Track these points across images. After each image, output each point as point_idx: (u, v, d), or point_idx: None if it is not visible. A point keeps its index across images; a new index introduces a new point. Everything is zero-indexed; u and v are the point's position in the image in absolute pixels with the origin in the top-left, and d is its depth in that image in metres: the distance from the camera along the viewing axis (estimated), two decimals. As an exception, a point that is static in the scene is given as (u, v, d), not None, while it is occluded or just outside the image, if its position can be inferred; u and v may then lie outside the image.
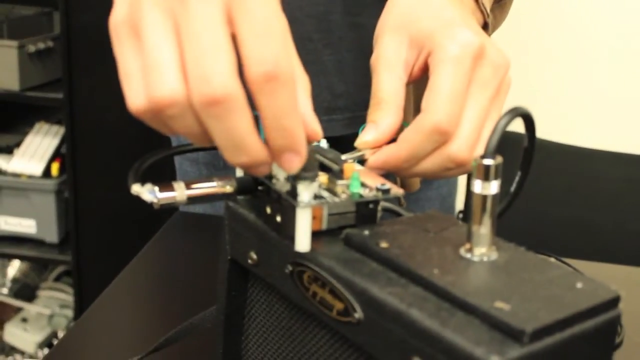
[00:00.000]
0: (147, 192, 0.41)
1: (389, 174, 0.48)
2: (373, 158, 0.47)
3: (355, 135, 0.50)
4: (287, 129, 0.37)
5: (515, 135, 0.64)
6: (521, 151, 0.44)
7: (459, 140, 0.47)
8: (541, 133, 1.20)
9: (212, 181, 0.43)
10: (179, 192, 0.41)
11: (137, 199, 0.42)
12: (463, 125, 0.48)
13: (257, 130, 0.38)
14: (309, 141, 0.41)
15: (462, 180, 1.05)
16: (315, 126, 0.41)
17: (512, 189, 0.44)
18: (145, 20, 0.38)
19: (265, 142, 0.38)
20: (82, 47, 1.79)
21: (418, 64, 0.50)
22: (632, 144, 1.31)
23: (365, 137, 0.48)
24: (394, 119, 0.48)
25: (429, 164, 0.48)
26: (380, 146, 0.48)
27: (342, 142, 0.59)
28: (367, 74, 0.51)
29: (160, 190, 0.41)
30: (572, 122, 1.63)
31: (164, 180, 0.42)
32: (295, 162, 0.38)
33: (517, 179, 0.44)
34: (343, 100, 0.79)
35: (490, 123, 0.49)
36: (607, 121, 1.63)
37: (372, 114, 0.48)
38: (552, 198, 1.26)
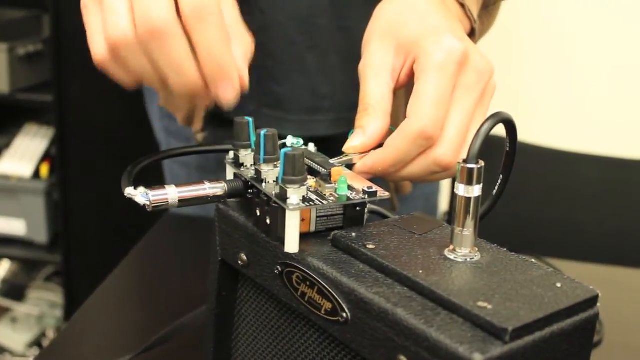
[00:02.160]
0: (140, 195, 0.41)
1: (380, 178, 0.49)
2: (360, 163, 0.48)
3: (341, 136, 0.50)
4: (217, 57, 0.45)
5: (497, 140, 0.65)
6: (503, 155, 0.44)
7: (444, 144, 0.48)
8: (523, 136, 1.21)
9: (203, 184, 0.43)
10: (171, 195, 0.42)
11: (126, 201, 0.42)
12: (448, 130, 0.48)
13: None
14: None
15: (446, 180, 1.07)
16: (243, 72, 0.48)
17: (495, 191, 0.45)
18: None
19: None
20: (71, 50, 1.78)
21: (405, 70, 0.51)
22: (611, 147, 1.32)
23: (353, 142, 0.48)
24: (380, 124, 0.49)
25: (415, 168, 0.49)
26: (368, 151, 0.49)
27: (327, 142, 0.59)
28: (354, 77, 0.52)
29: (153, 194, 0.41)
30: (554, 125, 1.64)
31: (152, 183, 0.43)
32: (230, 91, 0.46)
33: (499, 182, 0.44)
34: (327, 101, 0.79)
35: (475, 127, 0.49)
36: (588, 124, 1.64)
37: (360, 120, 0.49)
38: (534, 200, 1.28)
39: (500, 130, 0.46)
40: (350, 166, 0.48)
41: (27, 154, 1.92)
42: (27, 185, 1.88)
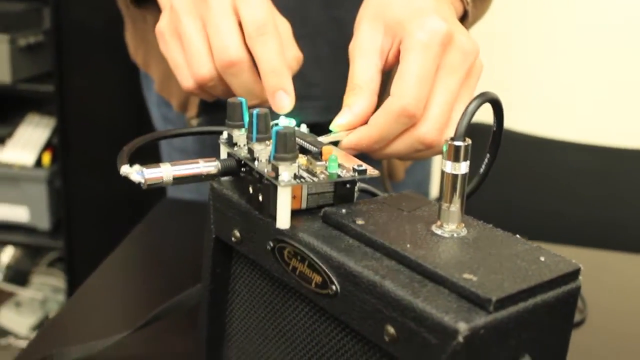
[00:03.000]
0: (135, 173, 0.41)
1: (377, 162, 0.49)
2: (346, 139, 0.48)
3: (330, 123, 0.50)
4: (275, 70, 0.51)
5: (482, 126, 0.65)
6: (489, 139, 0.44)
7: (428, 122, 0.48)
8: (511, 124, 1.21)
9: (197, 163, 0.43)
10: (166, 173, 0.42)
11: (126, 188, 0.42)
12: (432, 109, 0.48)
13: None
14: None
15: (436, 167, 1.06)
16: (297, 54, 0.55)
17: (481, 170, 0.45)
18: (182, 23, 0.53)
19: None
20: (71, 41, 1.78)
21: (392, 51, 0.50)
22: (598, 136, 1.32)
23: (340, 120, 0.48)
24: (367, 103, 0.48)
25: (400, 146, 0.49)
26: (354, 129, 0.49)
27: (317, 128, 0.59)
28: (345, 66, 0.52)
29: (148, 171, 0.41)
30: (540, 114, 1.64)
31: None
32: (286, 100, 0.51)
33: (485, 161, 0.44)
34: (317, 89, 0.79)
35: (460, 107, 0.49)
36: (574, 113, 1.64)
37: (347, 99, 0.49)
38: (520, 187, 1.28)
39: (484, 116, 0.46)
40: (337, 144, 0.48)
41: (29, 143, 1.92)
42: (30, 173, 1.88)
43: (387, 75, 0.52)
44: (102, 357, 0.58)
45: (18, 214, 1.92)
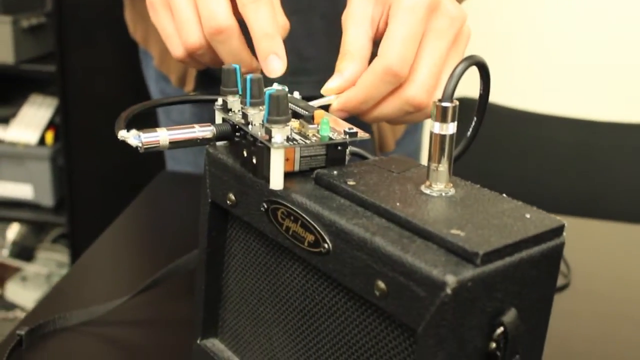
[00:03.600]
0: (133, 137, 0.41)
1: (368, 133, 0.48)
2: (335, 102, 0.48)
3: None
4: (268, 34, 0.49)
5: (468, 100, 0.65)
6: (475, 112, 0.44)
7: (416, 84, 0.48)
8: (495, 98, 1.20)
9: (193, 127, 0.43)
10: (162, 137, 0.41)
11: (127, 164, 0.42)
12: (420, 71, 0.48)
13: None
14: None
15: (426, 140, 1.06)
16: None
17: (469, 133, 0.44)
18: None
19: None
20: (73, 22, 1.77)
21: (383, 19, 0.50)
22: (579, 109, 1.32)
23: (330, 84, 0.48)
24: (357, 68, 0.48)
25: (389, 108, 0.49)
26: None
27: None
28: (339, 40, 0.51)
29: (145, 136, 0.41)
30: (524, 88, 1.63)
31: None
32: (278, 64, 0.49)
33: (472, 124, 0.44)
34: (311, 63, 0.78)
35: (448, 70, 0.49)
36: (557, 87, 1.63)
37: (339, 65, 0.49)
38: (505, 159, 1.27)
39: (470, 91, 0.46)
40: (327, 109, 0.47)
41: (32, 122, 1.91)
42: (33, 151, 1.87)
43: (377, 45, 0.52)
44: (103, 322, 0.58)
45: (23, 191, 1.91)
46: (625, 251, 0.82)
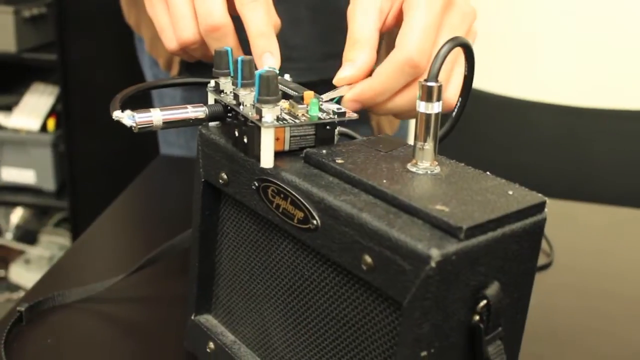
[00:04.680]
0: (127, 118, 0.40)
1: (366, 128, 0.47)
2: (350, 92, 0.45)
3: (311, 84, 0.48)
4: (264, 33, 0.49)
5: (488, 95, 0.64)
6: (493, 108, 0.43)
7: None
8: (482, 85, 1.19)
9: (186, 108, 0.42)
10: (156, 117, 0.41)
11: (126, 150, 0.41)
12: None
13: None
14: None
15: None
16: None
17: (454, 114, 0.44)
18: None
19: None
20: (73, 12, 1.76)
21: (392, 12, 0.48)
22: (566, 96, 1.31)
23: (343, 74, 0.46)
24: (368, 56, 0.46)
25: (403, 100, 0.47)
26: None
27: None
28: (325, 29, 0.50)
29: (139, 116, 0.40)
30: (511, 74, 1.62)
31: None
32: (272, 62, 0.49)
33: (457, 104, 0.43)
34: (297, 52, 0.77)
35: (458, 68, 0.48)
36: (544, 74, 1.62)
37: (348, 53, 0.46)
38: (491, 145, 1.27)
39: (488, 86, 0.45)
40: (339, 101, 0.45)
41: (35, 109, 1.90)
42: (36, 137, 1.87)
43: (382, 37, 0.51)
44: (100, 299, 0.58)
45: (26, 176, 1.91)
46: (608, 232, 0.82)
